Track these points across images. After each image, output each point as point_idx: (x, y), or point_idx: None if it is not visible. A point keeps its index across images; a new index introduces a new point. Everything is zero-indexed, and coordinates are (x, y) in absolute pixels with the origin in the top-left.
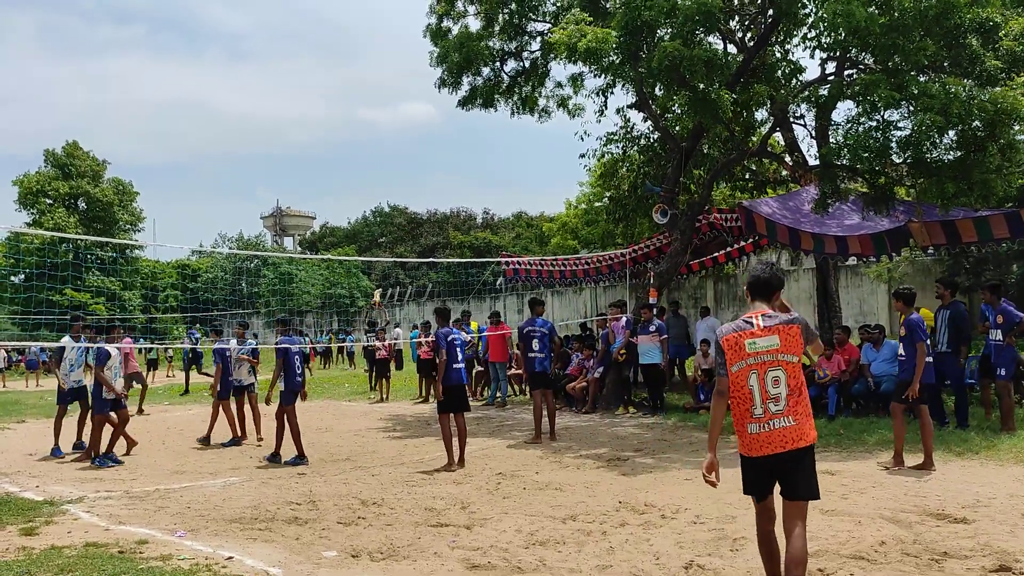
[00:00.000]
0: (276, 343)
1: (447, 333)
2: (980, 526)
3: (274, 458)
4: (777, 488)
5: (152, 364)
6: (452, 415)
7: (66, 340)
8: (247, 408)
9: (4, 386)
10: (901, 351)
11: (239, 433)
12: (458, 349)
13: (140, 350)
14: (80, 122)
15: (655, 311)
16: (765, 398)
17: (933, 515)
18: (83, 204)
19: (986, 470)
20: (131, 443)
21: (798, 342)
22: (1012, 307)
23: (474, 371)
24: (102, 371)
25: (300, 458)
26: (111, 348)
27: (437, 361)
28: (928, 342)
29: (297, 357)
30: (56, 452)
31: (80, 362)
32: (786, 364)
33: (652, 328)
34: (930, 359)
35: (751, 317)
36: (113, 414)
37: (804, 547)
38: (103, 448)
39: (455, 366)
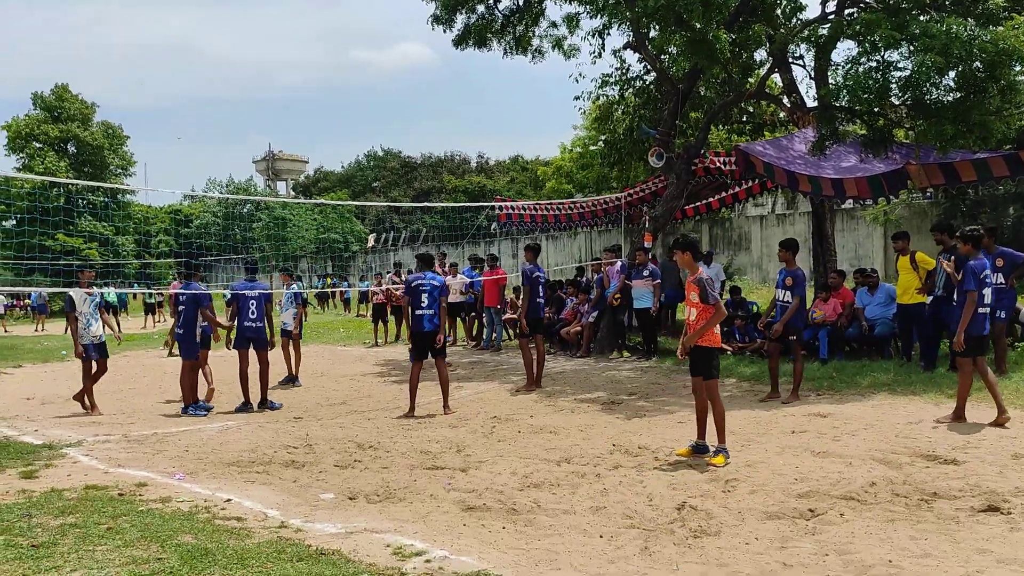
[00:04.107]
0: (230, 287)
1: (413, 279)
2: (970, 467)
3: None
4: None
5: (149, 309)
6: (431, 361)
7: (75, 292)
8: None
9: (5, 331)
10: (956, 296)
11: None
12: (424, 295)
13: (135, 295)
14: (66, 67)
15: (650, 255)
16: None
17: (923, 456)
18: (73, 148)
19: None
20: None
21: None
22: (1010, 249)
23: (471, 315)
24: (207, 311)
25: (246, 404)
26: (76, 291)
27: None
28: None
29: (253, 302)
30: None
31: (96, 315)
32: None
33: (646, 272)
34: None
35: None
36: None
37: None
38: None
39: (418, 312)
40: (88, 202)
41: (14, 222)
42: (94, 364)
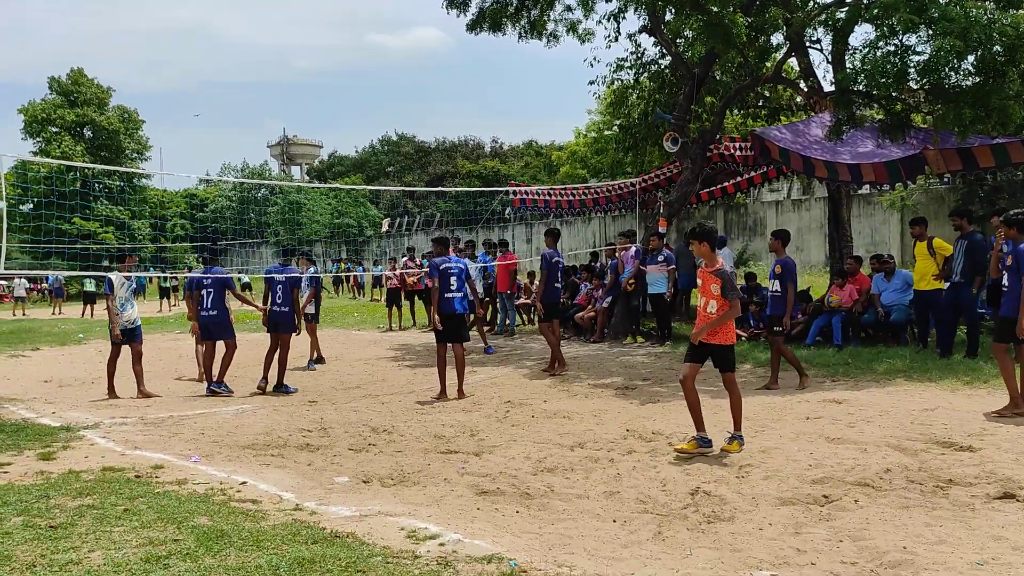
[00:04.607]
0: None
1: (441, 262)
2: (986, 454)
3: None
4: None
5: (165, 293)
6: (450, 345)
7: (115, 276)
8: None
9: (24, 314)
10: (1005, 282)
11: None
12: (452, 278)
13: (150, 279)
14: (82, 51)
15: (664, 240)
16: None
17: (939, 443)
18: (89, 132)
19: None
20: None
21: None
22: None
23: (485, 300)
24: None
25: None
26: (118, 276)
27: (432, 290)
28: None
29: (280, 287)
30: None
31: (132, 301)
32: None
33: (661, 258)
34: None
35: None
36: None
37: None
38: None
39: (447, 295)
40: (104, 186)
41: (31, 206)
42: (122, 349)
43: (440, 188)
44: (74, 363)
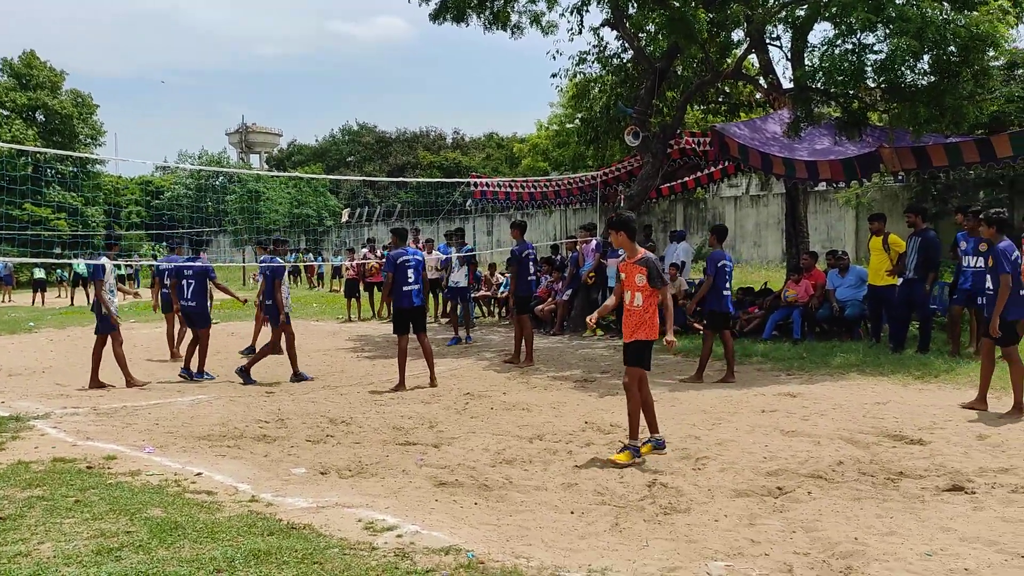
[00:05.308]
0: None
1: (397, 255)
2: (935, 447)
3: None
4: None
5: (120, 280)
6: (413, 336)
7: (106, 261)
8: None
9: None
10: (989, 284)
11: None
12: (410, 270)
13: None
14: (36, 33)
15: None
16: None
17: (890, 436)
18: (41, 116)
19: (944, 393)
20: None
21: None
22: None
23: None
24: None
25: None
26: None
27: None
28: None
29: (263, 280)
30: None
31: (114, 288)
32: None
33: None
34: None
35: None
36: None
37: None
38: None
39: (405, 288)
40: (57, 172)
41: None
42: (108, 338)
43: (401, 179)
44: (24, 352)
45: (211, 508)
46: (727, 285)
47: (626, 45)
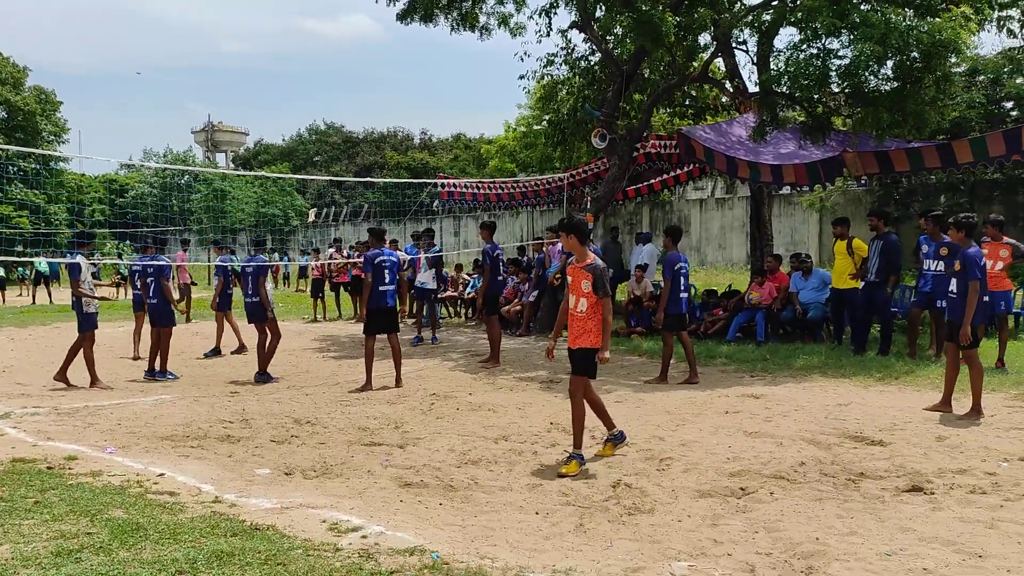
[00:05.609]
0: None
1: (374, 255)
2: (896, 448)
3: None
4: None
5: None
6: (384, 336)
7: (83, 261)
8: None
9: None
10: (953, 288)
11: (243, 343)
12: (386, 271)
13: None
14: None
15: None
16: None
17: (851, 437)
18: (3, 112)
19: (904, 395)
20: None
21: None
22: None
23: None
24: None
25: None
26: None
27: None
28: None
29: (250, 278)
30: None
31: (91, 287)
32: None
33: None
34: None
35: None
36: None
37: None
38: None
39: (381, 288)
40: (19, 169)
41: None
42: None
43: (368, 179)
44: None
45: (174, 509)
46: (684, 286)
47: (594, 48)
